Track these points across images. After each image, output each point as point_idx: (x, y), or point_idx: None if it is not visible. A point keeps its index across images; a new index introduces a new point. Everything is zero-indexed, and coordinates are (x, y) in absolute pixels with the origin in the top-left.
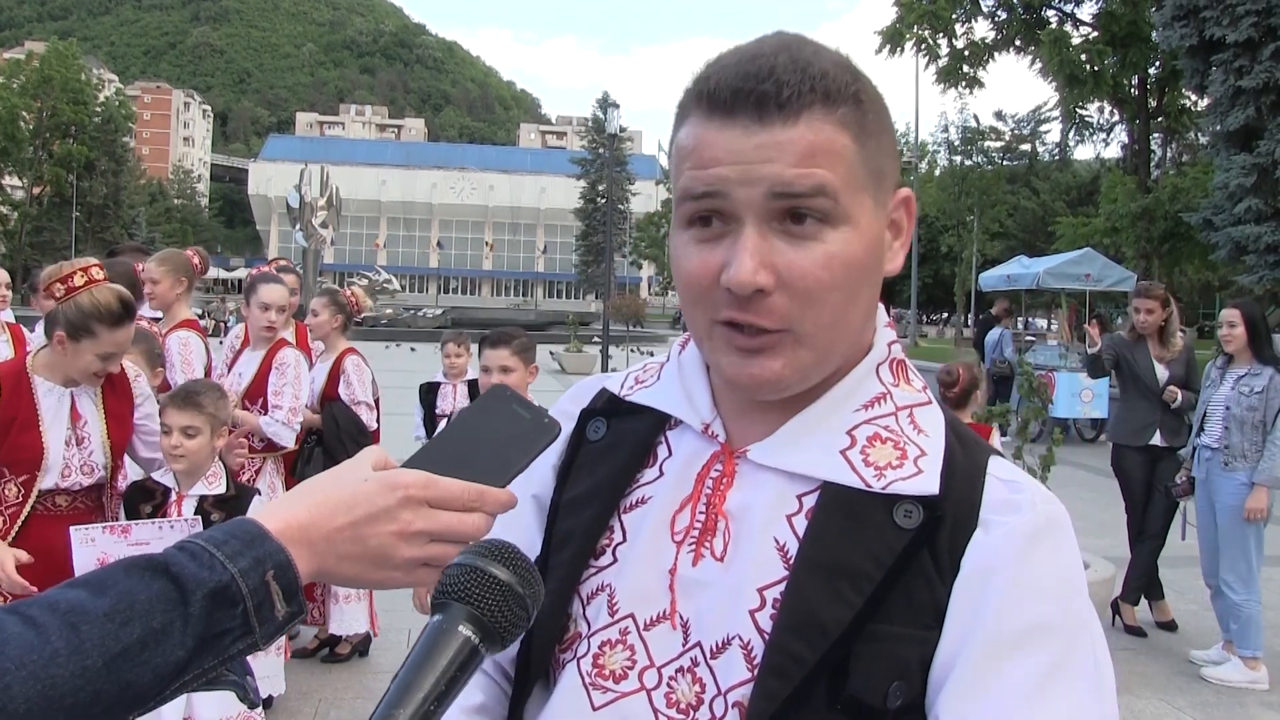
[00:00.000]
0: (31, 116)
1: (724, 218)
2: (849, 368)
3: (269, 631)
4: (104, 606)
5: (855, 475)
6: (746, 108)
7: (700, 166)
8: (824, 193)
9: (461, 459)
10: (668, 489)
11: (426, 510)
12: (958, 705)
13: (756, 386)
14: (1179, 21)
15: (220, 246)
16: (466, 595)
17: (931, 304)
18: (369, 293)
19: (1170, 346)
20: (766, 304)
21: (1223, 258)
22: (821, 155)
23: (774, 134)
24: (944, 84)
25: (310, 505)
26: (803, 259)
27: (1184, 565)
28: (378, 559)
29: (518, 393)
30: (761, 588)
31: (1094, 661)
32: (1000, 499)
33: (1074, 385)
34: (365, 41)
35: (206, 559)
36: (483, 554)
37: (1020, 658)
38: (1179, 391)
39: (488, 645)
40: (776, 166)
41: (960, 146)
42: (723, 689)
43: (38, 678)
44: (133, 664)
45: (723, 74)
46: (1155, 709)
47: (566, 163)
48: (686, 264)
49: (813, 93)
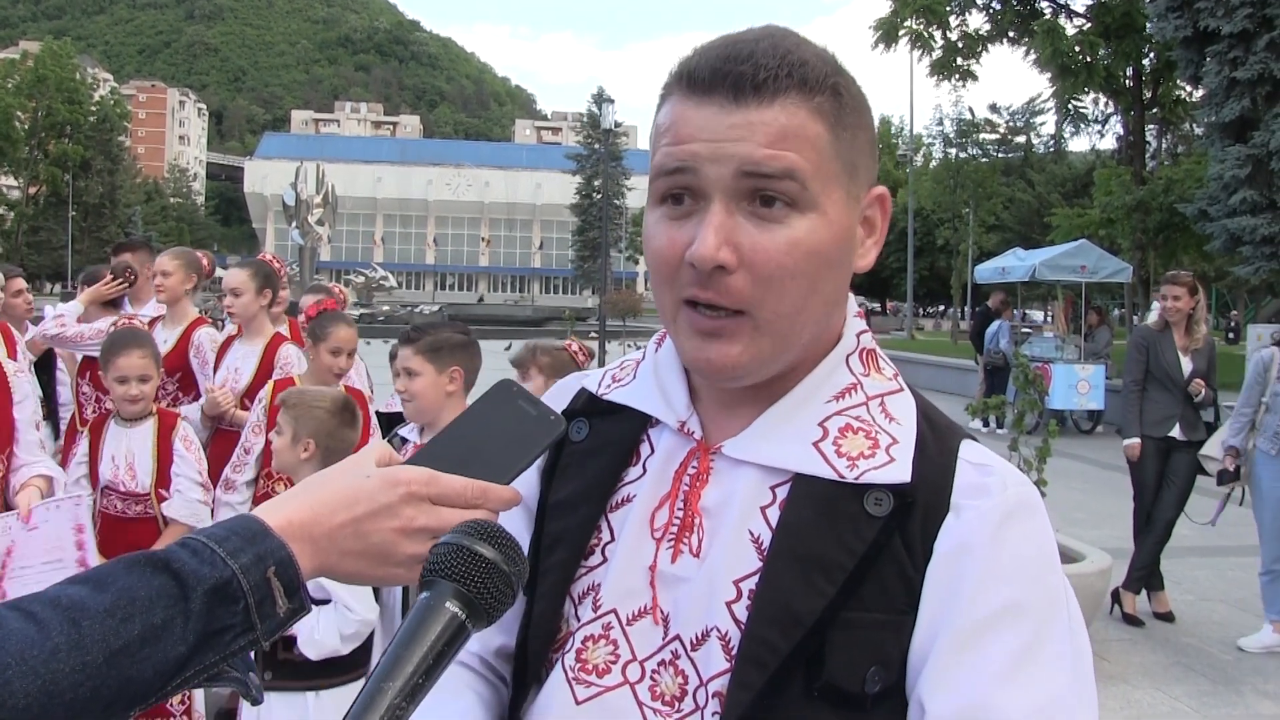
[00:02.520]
0: (27, 116)
1: (694, 195)
2: (818, 359)
3: (271, 628)
4: (105, 602)
5: (828, 466)
6: (723, 87)
7: (675, 143)
8: (792, 176)
9: (465, 455)
10: (649, 487)
11: (429, 507)
12: (936, 686)
13: (715, 372)
14: (1173, 13)
15: (217, 245)
16: (454, 573)
17: (928, 297)
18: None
19: (1195, 336)
20: (726, 283)
21: (1218, 249)
22: (793, 139)
23: (748, 114)
24: (938, 76)
25: (312, 501)
26: (767, 241)
27: (1183, 556)
28: (379, 555)
29: (524, 388)
30: (737, 580)
31: (1070, 639)
32: (971, 483)
33: (1070, 377)
34: (360, 38)
35: (208, 555)
36: (469, 533)
37: (996, 637)
38: (1204, 386)
39: (474, 621)
40: (747, 146)
41: (955, 139)
42: (704, 679)
43: (38, 673)
44: (133, 660)
45: (704, 56)
46: (1152, 699)
47: (562, 158)
48: (655, 241)
49: (789, 78)
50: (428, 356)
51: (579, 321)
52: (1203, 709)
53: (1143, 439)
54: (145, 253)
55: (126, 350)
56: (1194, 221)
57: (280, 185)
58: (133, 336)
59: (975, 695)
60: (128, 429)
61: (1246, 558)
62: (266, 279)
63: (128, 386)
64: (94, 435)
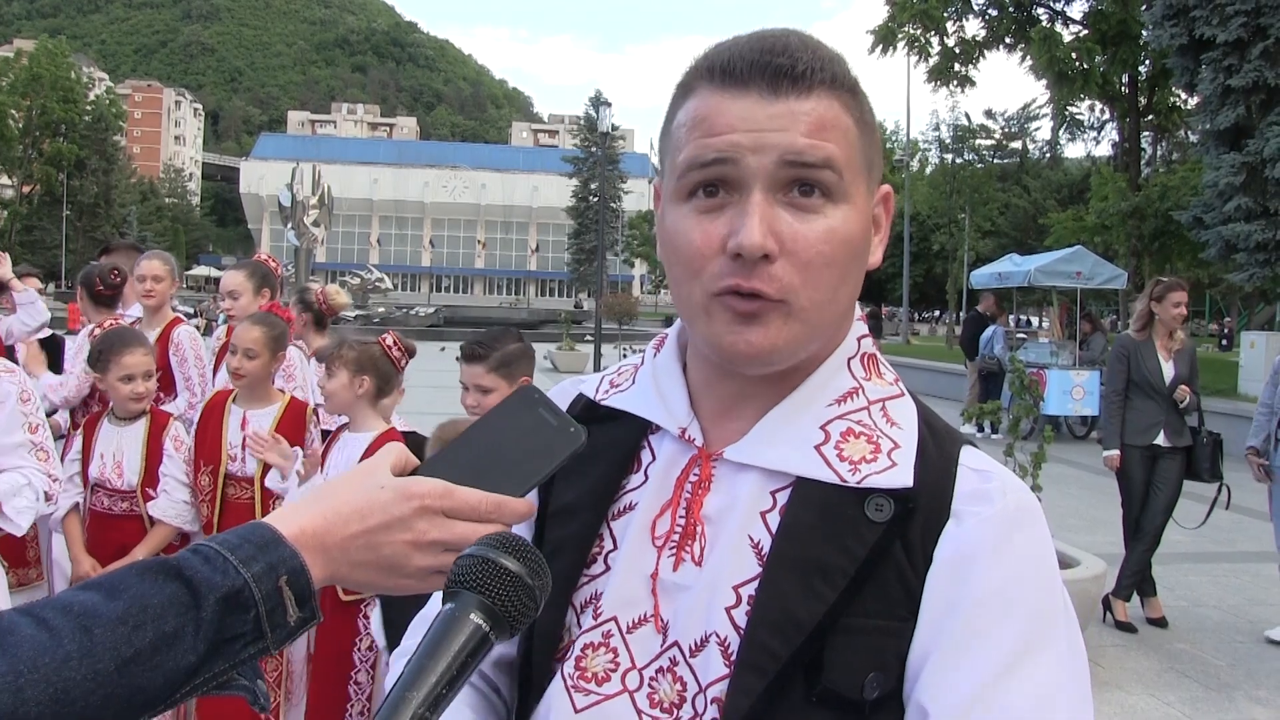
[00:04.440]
0: (21, 115)
1: (729, 187)
2: (820, 360)
3: (281, 637)
4: (117, 610)
5: (830, 470)
6: (761, 79)
7: (712, 134)
8: (831, 166)
9: (482, 464)
10: (650, 494)
11: (442, 520)
12: (936, 688)
13: (755, 355)
14: (1169, 21)
15: (212, 245)
16: (478, 585)
17: (923, 302)
18: (361, 291)
19: (1177, 337)
20: (769, 271)
21: (1213, 256)
22: (831, 130)
23: (789, 104)
24: (935, 82)
25: (325, 510)
26: (806, 230)
27: (1175, 562)
28: (391, 567)
29: (546, 396)
30: (737, 585)
31: (1068, 644)
32: (971, 489)
33: (1065, 383)
34: (357, 40)
35: (220, 563)
36: (494, 546)
37: (996, 640)
38: (1189, 392)
39: (497, 633)
40: (790, 135)
41: (951, 145)
42: (703, 685)
43: (50, 681)
44: (144, 668)
45: (735, 49)
46: (1145, 704)
47: (559, 161)
48: (688, 235)
49: (823, 71)
50: (500, 373)
51: (574, 324)
52: (1196, 715)
53: (1128, 447)
54: (134, 255)
55: (130, 348)
56: (1188, 228)
57: (276, 186)
58: (131, 335)
59: (976, 691)
60: (120, 428)
61: (1239, 564)
62: (264, 279)
63: (134, 384)
64: (87, 433)
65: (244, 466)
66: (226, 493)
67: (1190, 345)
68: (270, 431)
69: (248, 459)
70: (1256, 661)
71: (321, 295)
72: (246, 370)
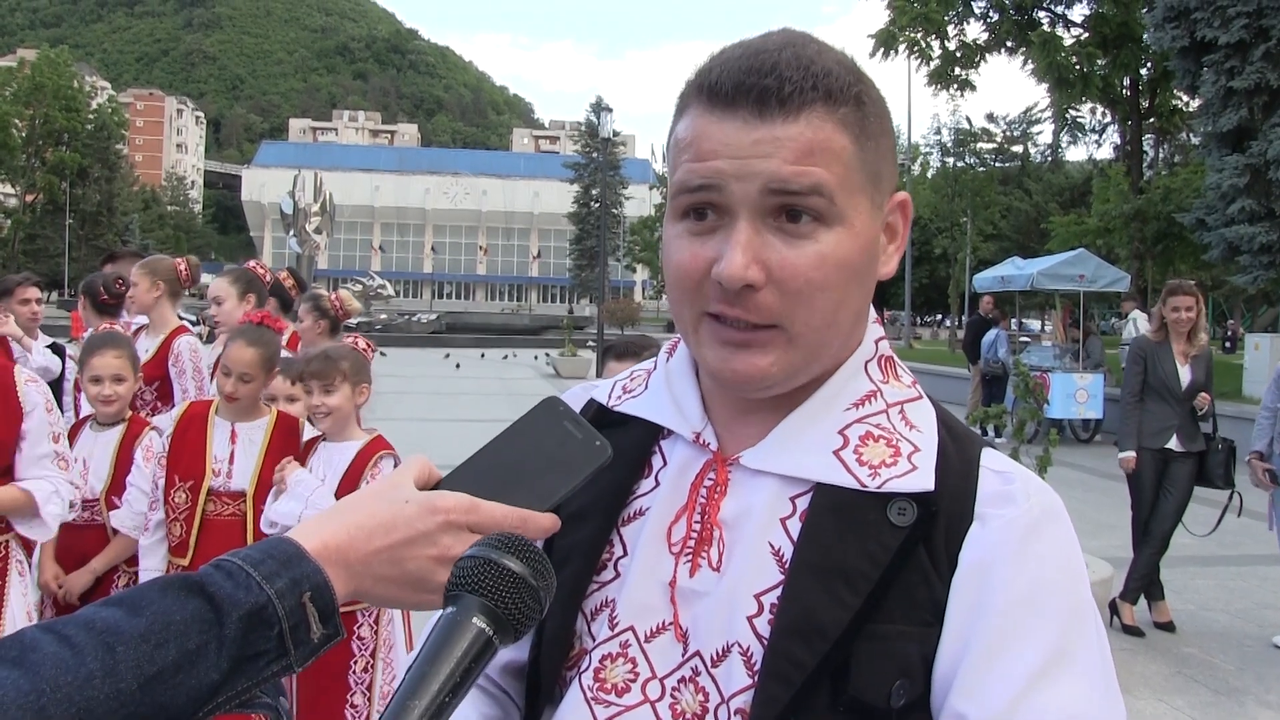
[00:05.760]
0: (24, 124)
1: (718, 211)
2: (837, 366)
3: (304, 654)
4: (140, 627)
5: (850, 475)
6: (747, 102)
7: (698, 159)
8: (820, 192)
9: (507, 476)
10: (664, 500)
11: (467, 535)
12: (971, 696)
13: (742, 382)
14: (1170, 23)
15: (214, 253)
16: (480, 587)
17: (926, 306)
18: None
19: (1196, 342)
20: (755, 300)
21: (1216, 258)
22: (820, 154)
23: (773, 129)
24: (936, 86)
25: (349, 525)
26: (796, 257)
27: (1184, 566)
28: (415, 582)
29: (570, 408)
30: (758, 594)
31: (1098, 649)
32: (994, 491)
33: (1069, 386)
34: (358, 47)
35: (243, 579)
36: (496, 546)
37: (1024, 646)
38: (1208, 398)
39: (501, 637)
40: (774, 162)
41: (953, 148)
42: (726, 696)
43: (72, 700)
44: (167, 686)
45: (725, 67)
46: (1154, 709)
47: (560, 167)
48: (678, 256)
49: (814, 90)
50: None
51: (576, 330)
52: (1204, 719)
53: (1140, 450)
54: (136, 263)
55: (101, 350)
56: (1191, 230)
57: (278, 193)
58: (110, 338)
59: (1002, 700)
60: (97, 433)
61: (1247, 567)
62: (248, 285)
63: (101, 386)
64: (71, 440)
65: (229, 482)
66: (207, 509)
67: (1208, 351)
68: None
69: (234, 474)
70: (1265, 666)
71: (337, 300)
72: (242, 394)
